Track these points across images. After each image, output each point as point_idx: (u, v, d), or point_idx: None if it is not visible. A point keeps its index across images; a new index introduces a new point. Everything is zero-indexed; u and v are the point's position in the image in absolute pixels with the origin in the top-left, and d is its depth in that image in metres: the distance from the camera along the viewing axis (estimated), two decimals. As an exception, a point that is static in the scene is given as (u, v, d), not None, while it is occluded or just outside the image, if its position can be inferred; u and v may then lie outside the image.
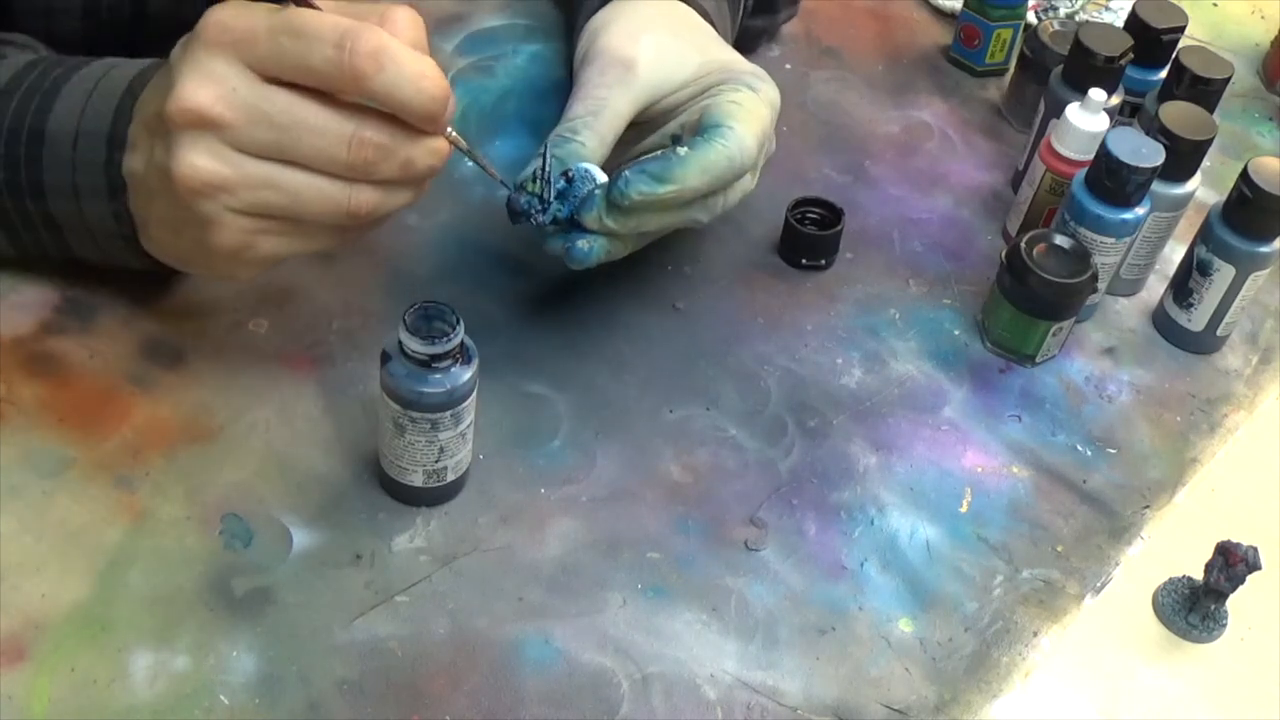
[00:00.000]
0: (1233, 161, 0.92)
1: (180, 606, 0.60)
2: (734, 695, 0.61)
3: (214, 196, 0.56)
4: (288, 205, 0.57)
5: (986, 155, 0.91)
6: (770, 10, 0.91)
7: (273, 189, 0.56)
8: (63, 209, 0.63)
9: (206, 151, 0.55)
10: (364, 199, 0.58)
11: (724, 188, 0.67)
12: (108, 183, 0.61)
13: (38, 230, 0.65)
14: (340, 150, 0.56)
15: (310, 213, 0.58)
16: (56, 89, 0.62)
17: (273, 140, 0.56)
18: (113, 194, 0.61)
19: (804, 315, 0.78)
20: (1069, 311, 0.76)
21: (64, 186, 0.62)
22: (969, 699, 0.63)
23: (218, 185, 0.56)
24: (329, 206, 0.57)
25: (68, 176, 0.61)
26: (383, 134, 0.56)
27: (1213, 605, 0.67)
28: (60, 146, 0.61)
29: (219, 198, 0.56)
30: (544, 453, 0.69)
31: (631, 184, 0.64)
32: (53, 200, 0.63)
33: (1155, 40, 0.87)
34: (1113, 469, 0.74)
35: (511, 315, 0.75)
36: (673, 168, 0.64)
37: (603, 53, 0.70)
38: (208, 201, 0.56)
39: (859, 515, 0.69)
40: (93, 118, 0.61)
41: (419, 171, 0.58)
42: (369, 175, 0.57)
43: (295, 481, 0.65)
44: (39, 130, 0.61)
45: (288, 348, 0.71)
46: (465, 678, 0.60)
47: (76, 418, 0.65)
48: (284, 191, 0.57)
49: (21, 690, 0.56)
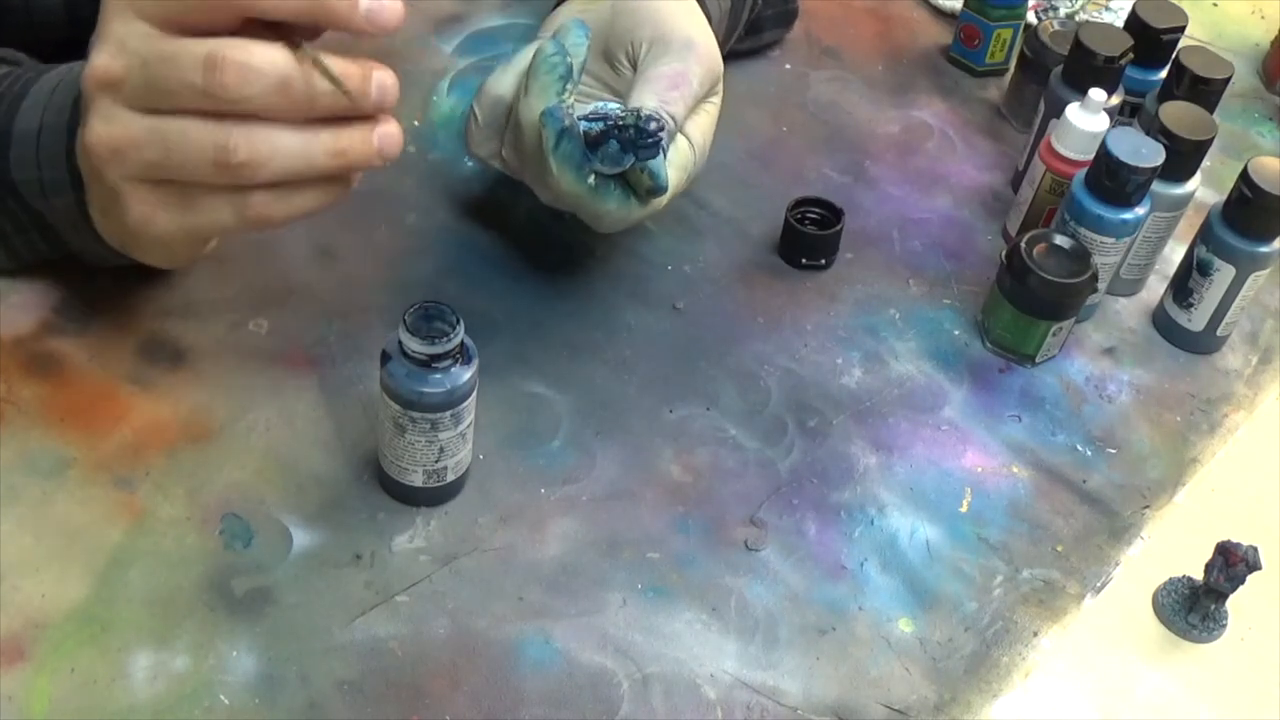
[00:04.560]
0: (1233, 161, 0.92)
1: (180, 606, 0.60)
2: (734, 695, 0.61)
3: (111, 162, 0.56)
4: (163, 159, 0.55)
5: (986, 155, 0.91)
6: (755, 31, 0.91)
7: (153, 144, 0.55)
8: (39, 206, 0.63)
9: (104, 116, 0.55)
10: (240, 140, 0.54)
11: None
12: (69, 174, 0.61)
13: (28, 231, 0.65)
14: (195, 76, 0.53)
15: (186, 163, 0.55)
16: (25, 91, 0.62)
17: (152, 87, 0.54)
18: (75, 184, 0.61)
19: (804, 315, 0.79)
20: (1069, 311, 0.76)
21: (33, 183, 0.62)
22: (969, 699, 0.63)
23: (112, 148, 0.55)
24: (201, 154, 0.54)
25: (35, 173, 0.62)
26: (240, 52, 0.52)
27: (1213, 605, 0.67)
28: (26, 145, 0.61)
29: (114, 164, 0.56)
30: (544, 453, 0.69)
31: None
32: (29, 198, 0.63)
33: (1155, 40, 0.87)
34: (1113, 469, 0.74)
35: (511, 315, 0.75)
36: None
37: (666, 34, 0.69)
38: (108, 169, 0.56)
39: (859, 515, 0.69)
40: (54, 111, 0.61)
41: (265, 86, 0.53)
42: (234, 102, 0.53)
43: (295, 481, 0.65)
44: (6, 131, 0.62)
45: (288, 348, 0.71)
46: (465, 678, 0.60)
47: (76, 418, 0.65)
48: (161, 145, 0.55)
49: (21, 690, 0.56)
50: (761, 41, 0.94)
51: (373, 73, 0.55)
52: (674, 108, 0.66)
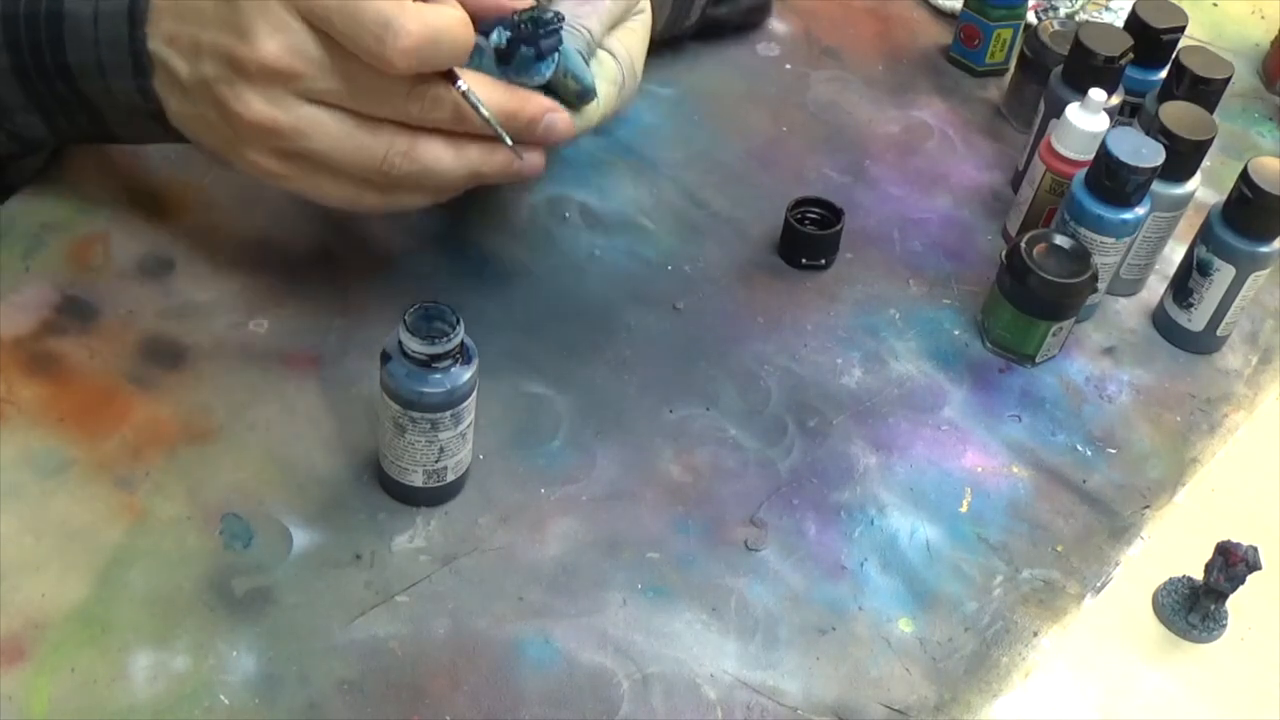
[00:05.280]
0: (1233, 161, 0.92)
1: (180, 606, 0.60)
2: (734, 695, 0.61)
3: (261, 139, 0.59)
4: (320, 151, 0.59)
5: (986, 155, 0.91)
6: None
7: (317, 136, 0.59)
8: (91, 88, 0.64)
9: (268, 97, 0.58)
10: (401, 152, 0.60)
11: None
12: (132, 60, 0.62)
13: (74, 112, 0.65)
14: (405, 102, 0.59)
15: (345, 162, 0.60)
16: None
17: (343, 92, 0.58)
18: (138, 71, 0.62)
19: (804, 315, 0.79)
20: (1069, 311, 0.76)
21: (89, 65, 0.63)
22: (969, 699, 0.63)
23: (271, 130, 0.59)
24: (367, 159, 0.60)
25: (92, 55, 0.62)
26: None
27: (1213, 605, 0.67)
28: (82, 25, 0.62)
29: (265, 140, 0.59)
30: (544, 453, 0.69)
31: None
32: (81, 80, 0.63)
33: (1155, 40, 0.87)
34: (1113, 469, 0.74)
35: (511, 315, 0.75)
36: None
37: None
38: (253, 143, 0.60)
39: (859, 515, 0.69)
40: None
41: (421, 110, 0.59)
42: (424, 121, 0.60)
43: (295, 481, 0.65)
44: (56, 12, 0.62)
45: (288, 348, 0.71)
46: (465, 678, 0.60)
47: (76, 418, 0.65)
48: (324, 139, 0.59)
49: (21, 690, 0.56)
50: (740, 7, 0.94)
51: (544, 115, 0.62)
52: (588, 21, 0.65)
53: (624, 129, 0.87)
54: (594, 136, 0.85)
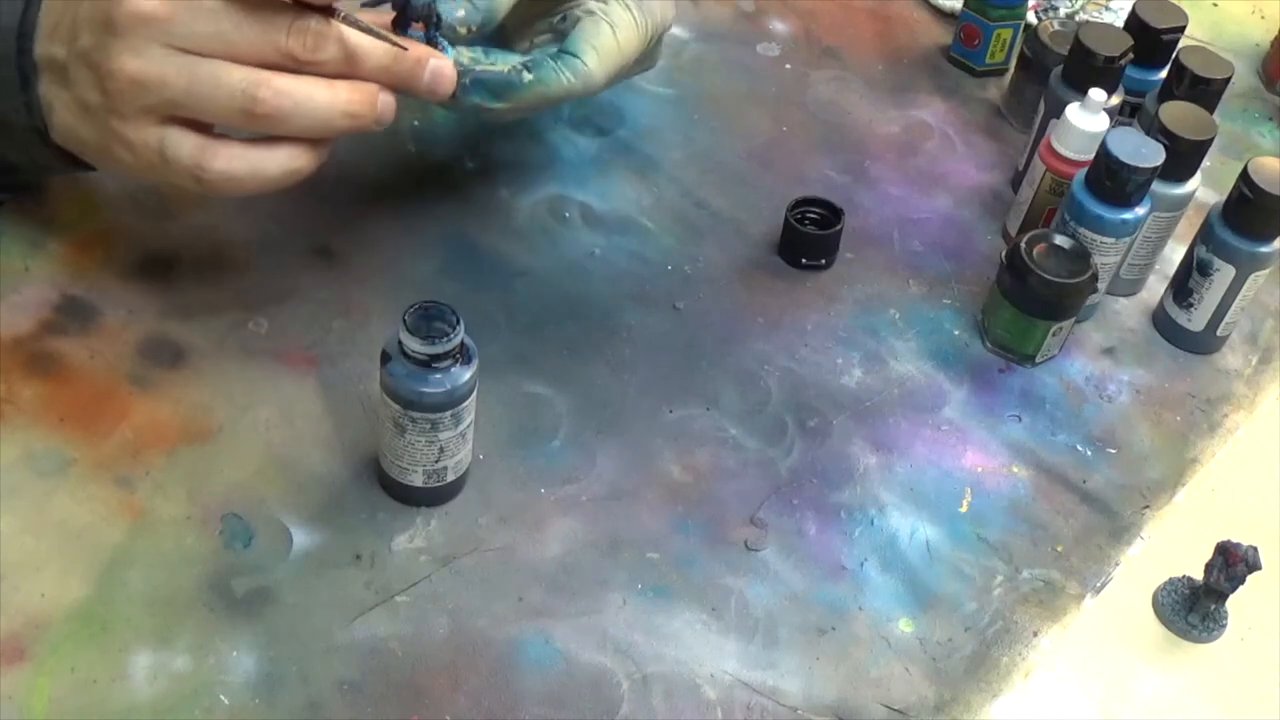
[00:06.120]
0: (1233, 161, 0.92)
1: (180, 606, 0.60)
2: (734, 695, 0.61)
3: (130, 93, 0.58)
4: (187, 98, 0.58)
5: (986, 155, 0.91)
6: None
7: (182, 83, 0.57)
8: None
9: (134, 49, 0.57)
10: (269, 90, 0.57)
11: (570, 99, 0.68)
12: (19, 74, 0.61)
13: None
14: (280, 35, 0.57)
15: (212, 105, 0.58)
16: None
17: (205, 34, 0.57)
18: (24, 83, 0.61)
19: (804, 315, 0.78)
20: (1069, 311, 0.76)
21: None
22: (969, 699, 0.63)
23: (138, 81, 0.57)
24: (230, 99, 0.58)
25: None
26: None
27: (1213, 605, 0.67)
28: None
29: (134, 95, 0.58)
30: (544, 453, 0.69)
31: (469, 93, 0.65)
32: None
33: (1155, 40, 0.87)
34: (1113, 469, 0.74)
35: (511, 315, 0.75)
36: (511, 89, 0.65)
37: None
38: (125, 99, 0.58)
39: (859, 515, 0.69)
40: (5, 13, 0.61)
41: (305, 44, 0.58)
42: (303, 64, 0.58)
43: (295, 481, 0.65)
44: None
45: (288, 347, 0.71)
46: (465, 678, 0.60)
47: (76, 418, 0.65)
48: (189, 84, 0.57)
49: (21, 690, 0.56)
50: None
51: (428, 59, 0.61)
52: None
53: (624, 129, 0.87)
54: (594, 137, 0.85)
